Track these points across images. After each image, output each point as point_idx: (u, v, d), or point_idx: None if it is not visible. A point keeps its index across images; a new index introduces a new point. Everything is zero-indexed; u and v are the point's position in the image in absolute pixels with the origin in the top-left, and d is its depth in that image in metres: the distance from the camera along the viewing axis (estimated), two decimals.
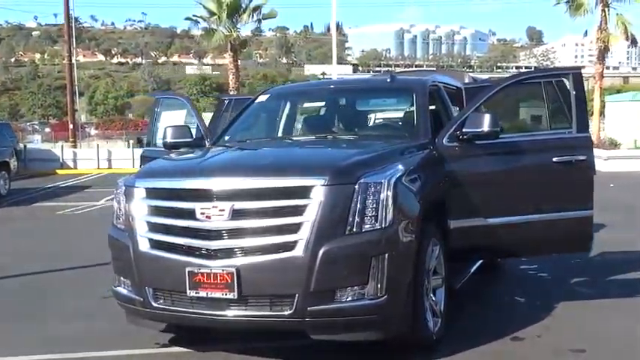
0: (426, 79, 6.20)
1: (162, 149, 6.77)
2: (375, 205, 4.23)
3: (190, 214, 4.36)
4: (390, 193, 4.27)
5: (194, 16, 31.40)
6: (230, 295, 4.22)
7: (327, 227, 4.15)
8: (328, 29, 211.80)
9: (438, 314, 4.90)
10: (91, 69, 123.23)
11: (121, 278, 4.80)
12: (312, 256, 4.12)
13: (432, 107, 5.94)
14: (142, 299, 4.58)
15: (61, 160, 27.33)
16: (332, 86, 7.07)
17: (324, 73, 75.42)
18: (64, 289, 7.17)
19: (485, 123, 5.18)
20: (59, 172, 25.87)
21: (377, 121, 6.62)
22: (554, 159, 5.47)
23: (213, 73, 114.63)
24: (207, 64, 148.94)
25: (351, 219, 4.19)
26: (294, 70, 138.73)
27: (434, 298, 4.88)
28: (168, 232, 4.47)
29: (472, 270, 6.00)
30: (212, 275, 4.25)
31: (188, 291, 4.32)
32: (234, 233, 4.26)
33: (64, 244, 10.23)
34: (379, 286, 4.20)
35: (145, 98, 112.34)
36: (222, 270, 4.22)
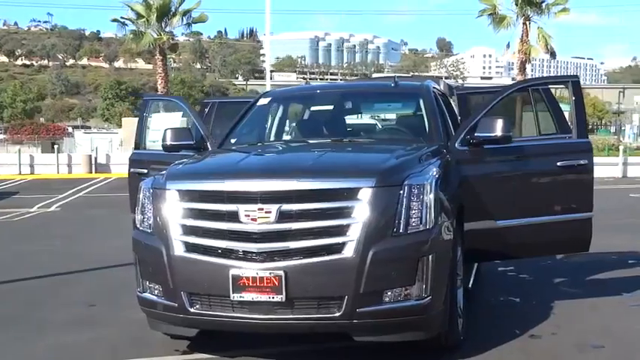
0: (427, 83, 6.31)
1: (153, 152, 6.62)
2: (419, 207, 4.28)
3: (232, 217, 4.27)
4: (432, 196, 4.33)
5: (122, 17, 30.68)
6: (277, 298, 4.16)
7: (376, 229, 4.17)
8: (242, 35, 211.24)
9: (460, 314, 4.99)
10: None
11: (147, 283, 4.62)
12: (362, 258, 4.12)
13: None
14: (175, 305, 4.42)
15: None
16: (338, 90, 7.06)
17: (247, 79, 74.88)
18: (49, 298, 6.83)
19: (499, 128, 5.31)
20: None
21: (385, 126, 6.66)
22: (559, 163, 5.68)
23: (126, 78, 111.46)
24: (119, 68, 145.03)
25: (397, 221, 4.23)
26: (208, 76, 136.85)
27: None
28: (207, 235, 4.34)
29: (474, 270, 6.14)
30: (258, 279, 4.17)
31: (231, 295, 4.21)
32: (281, 235, 4.20)
33: (18, 254, 9.70)
34: (424, 286, 4.24)
35: (54, 102, 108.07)
36: (270, 273, 4.15)
